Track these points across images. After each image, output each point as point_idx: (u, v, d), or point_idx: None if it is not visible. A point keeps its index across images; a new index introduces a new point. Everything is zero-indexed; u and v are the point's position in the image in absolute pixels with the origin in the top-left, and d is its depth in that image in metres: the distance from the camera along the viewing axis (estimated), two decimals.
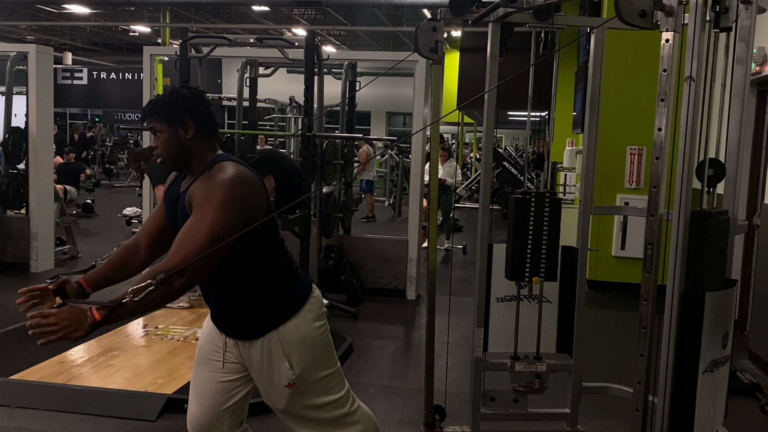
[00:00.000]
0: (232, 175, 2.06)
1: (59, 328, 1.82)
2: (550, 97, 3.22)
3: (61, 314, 1.83)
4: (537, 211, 3.01)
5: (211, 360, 2.30)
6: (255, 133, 7.75)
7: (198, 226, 1.97)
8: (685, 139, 2.13)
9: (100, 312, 1.86)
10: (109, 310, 1.86)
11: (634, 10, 2.03)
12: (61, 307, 1.85)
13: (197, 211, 2.01)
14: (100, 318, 1.85)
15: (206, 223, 1.97)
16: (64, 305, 1.86)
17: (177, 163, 2.19)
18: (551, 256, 3.04)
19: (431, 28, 3.02)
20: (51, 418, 3.58)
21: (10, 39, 20.64)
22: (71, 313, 1.84)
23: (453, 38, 17.77)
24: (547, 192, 3.06)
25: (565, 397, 3.39)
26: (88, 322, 1.84)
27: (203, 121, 2.15)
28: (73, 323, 1.83)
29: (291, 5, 14.18)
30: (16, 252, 6.95)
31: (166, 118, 2.12)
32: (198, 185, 2.07)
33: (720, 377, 2.32)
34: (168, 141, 2.14)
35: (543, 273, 3.04)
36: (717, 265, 2.27)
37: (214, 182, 2.04)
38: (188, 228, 1.99)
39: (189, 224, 2.00)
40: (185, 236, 1.97)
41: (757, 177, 5.33)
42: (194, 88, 2.24)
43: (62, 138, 16.14)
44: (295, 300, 2.21)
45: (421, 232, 6.68)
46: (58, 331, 1.82)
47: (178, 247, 1.96)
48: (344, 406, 2.32)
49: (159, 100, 2.14)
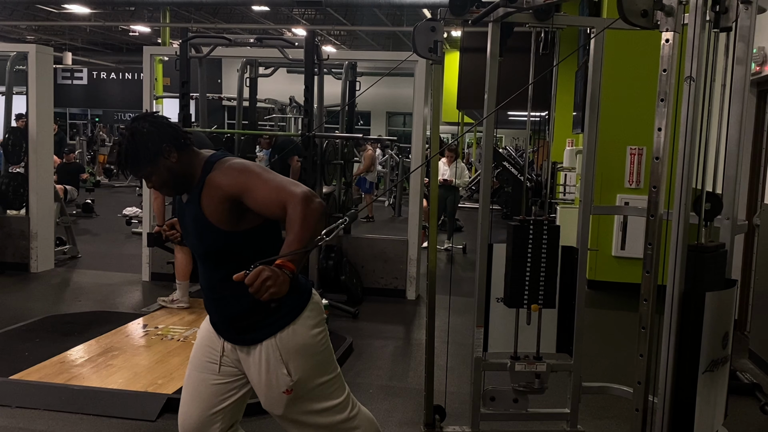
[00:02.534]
0: (239, 160, 2.14)
1: (272, 282, 1.83)
2: (550, 97, 3.22)
3: (269, 270, 1.84)
4: (535, 239, 3.02)
5: (207, 363, 2.29)
6: (255, 133, 7.75)
7: (268, 184, 2.02)
8: (685, 139, 2.13)
9: (293, 262, 1.90)
10: (302, 255, 1.93)
11: (636, 10, 2.04)
12: (254, 269, 1.85)
13: (250, 187, 2.03)
14: (294, 268, 1.90)
15: (267, 178, 2.04)
16: (257, 267, 1.86)
17: (178, 188, 2.18)
18: (549, 283, 3.05)
19: (430, 28, 3.01)
20: (51, 418, 3.58)
21: (10, 39, 20.65)
22: (273, 271, 1.85)
23: (453, 38, 17.78)
24: (545, 219, 3.07)
25: (565, 397, 3.39)
26: (287, 274, 1.87)
27: (175, 138, 2.12)
28: (280, 277, 1.85)
29: (291, 5, 14.19)
30: (16, 252, 6.95)
31: (147, 161, 2.09)
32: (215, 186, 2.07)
33: (720, 377, 2.32)
34: (162, 176, 2.12)
35: (542, 300, 3.04)
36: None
37: (230, 169, 2.09)
38: (270, 190, 2.02)
39: (264, 191, 2.02)
40: (279, 193, 2.00)
41: (757, 177, 5.33)
42: (143, 114, 2.18)
43: (62, 137, 16.12)
44: (294, 305, 2.19)
45: (421, 232, 6.68)
46: (273, 286, 1.83)
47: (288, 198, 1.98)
48: (344, 411, 2.30)
49: (126, 150, 2.08)
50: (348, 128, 7.09)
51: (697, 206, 2.28)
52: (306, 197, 1.97)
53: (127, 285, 6.67)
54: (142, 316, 5.28)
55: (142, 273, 6.77)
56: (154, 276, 6.69)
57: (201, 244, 2.18)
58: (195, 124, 6.71)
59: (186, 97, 5.89)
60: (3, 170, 7.07)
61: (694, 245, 2.22)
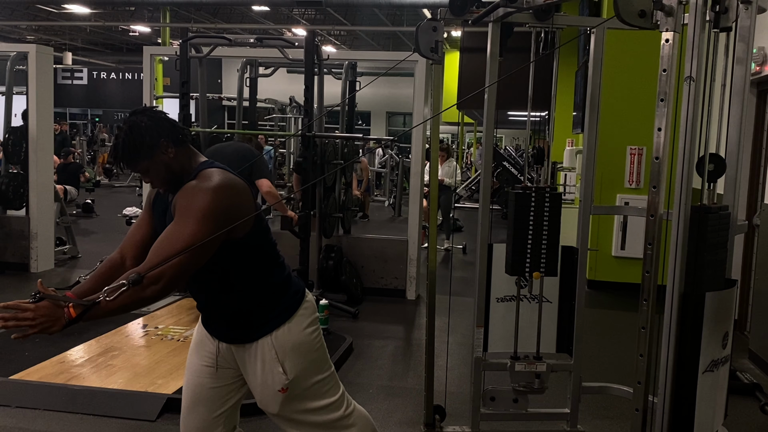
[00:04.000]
0: (216, 183, 2.02)
1: (36, 322, 1.82)
2: (550, 97, 3.22)
3: (38, 309, 1.82)
4: (537, 207, 3.01)
5: (204, 367, 2.29)
6: (255, 133, 7.75)
7: (177, 234, 1.94)
8: (684, 139, 2.13)
9: (76, 309, 1.86)
10: (84, 308, 1.86)
11: (633, 10, 2.03)
12: (38, 302, 1.84)
13: (178, 218, 1.98)
14: (75, 315, 1.85)
15: (185, 232, 1.94)
16: (42, 300, 1.85)
17: (172, 184, 2.12)
18: (551, 251, 3.04)
19: (431, 28, 3.01)
20: (51, 418, 3.58)
21: (10, 39, 20.65)
22: (48, 308, 1.83)
23: (453, 38, 17.77)
24: (547, 187, 3.06)
25: (565, 397, 3.39)
26: (64, 318, 1.85)
27: (173, 134, 2.09)
28: (50, 318, 1.83)
29: (291, 5, 14.19)
30: (16, 252, 6.95)
31: (144, 155, 2.05)
32: (182, 193, 2.03)
33: (720, 377, 2.32)
34: (157, 171, 2.09)
35: (543, 268, 3.03)
36: (717, 260, 2.27)
37: (197, 190, 2.00)
38: (167, 235, 1.97)
39: (168, 231, 1.98)
40: (163, 243, 1.95)
41: (757, 177, 5.33)
42: (142, 108, 2.16)
43: (64, 137, 16.11)
44: (288, 305, 2.21)
45: (421, 232, 6.68)
46: (36, 326, 1.82)
47: (156, 254, 1.93)
48: (339, 409, 2.31)
49: (123, 143, 2.05)
50: (348, 128, 7.09)
51: (699, 168, 2.27)
52: (150, 281, 1.89)
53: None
54: (142, 316, 5.28)
55: None
56: None
57: None
58: (195, 124, 6.71)
59: (186, 97, 5.89)
60: (3, 170, 7.06)
61: (697, 206, 2.20)
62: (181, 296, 5.91)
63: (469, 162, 20.97)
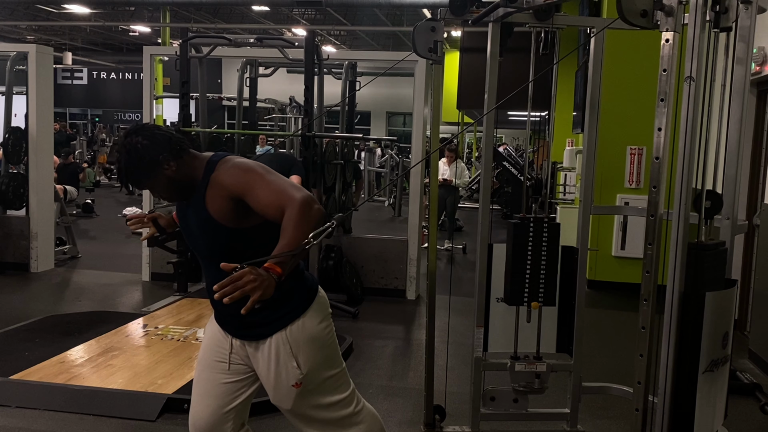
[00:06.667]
0: (242, 159, 2.16)
1: (258, 282, 1.82)
2: (550, 97, 3.22)
3: (254, 270, 1.84)
4: (536, 236, 3.02)
5: (217, 362, 2.30)
6: (255, 133, 7.75)
7: (267, 189, 2.02)
8: (685, 139, 2.13)
9: (280, 266, 1.89)
10: (290, 259, 1.90)
11: (636, 10, 2.04)
12: (241, 269, 1.84)
13: (251, 188, 2.04)
14: (281, 271, 1.89)
15: (269, 180, 2.04)
16: (243, 268, 1.85)
17: (182, 194, 2.18)
18: (550, 281, 3.05)
19: (430, 28, 3.01)
20: (51, 418, 3.58)
21: (10, 39, 20.66)
22: (258, 272, 1.84)
23: (453, 38, 17.77)
24: (545, 217, 3.07)
25: (565, 397, 3.39)
26: (273, 277, 1.87)
27: (171, 148, 2.10)
28: (266, 279, 1.85)
29: (291, 5, 14.19)
30: (16, 252, 6.95)
31: (146, 175, 2.10)
32: (220, 185, 2.08)
33: (720, 377, 2.32)
34: (165, 186, 2.14)
35: (542, 298, 3.04)
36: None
37: (233, 168, 2.09)
38: (271, 192, 2.02)
39: (265, 193, 2.02)
40: (279, 195, 2.00)
41: (757, 177, 5.33)
42: (135, 128, 2.14)
43: (69, 137, 16.09)
44: (302, 300, 2.22)
45: (422, 233, 6.68)
46: (258, 288, 1.82)
47: (287, 202, 1.97)
48: (350, 405, 2.33)
49: (125, 168, 2.09)
50: (348, 128, 7.09)
51: (697, 204, 2.28)
52: (305, 202, 1.96)
53: (127, 285, 6.67)
54: (142, 316, 5.28)
55: (142, 273, 6.77)
56: (154, 276, 6.69)
57: (207, 244, 2.18)
58: (195, 124, 6.71)
59: (186, 97, 5.89)
60: (3, 170, 7.06)
61: (694, 243, 2.22)
62: (181, 296, 5.91)
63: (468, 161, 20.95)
